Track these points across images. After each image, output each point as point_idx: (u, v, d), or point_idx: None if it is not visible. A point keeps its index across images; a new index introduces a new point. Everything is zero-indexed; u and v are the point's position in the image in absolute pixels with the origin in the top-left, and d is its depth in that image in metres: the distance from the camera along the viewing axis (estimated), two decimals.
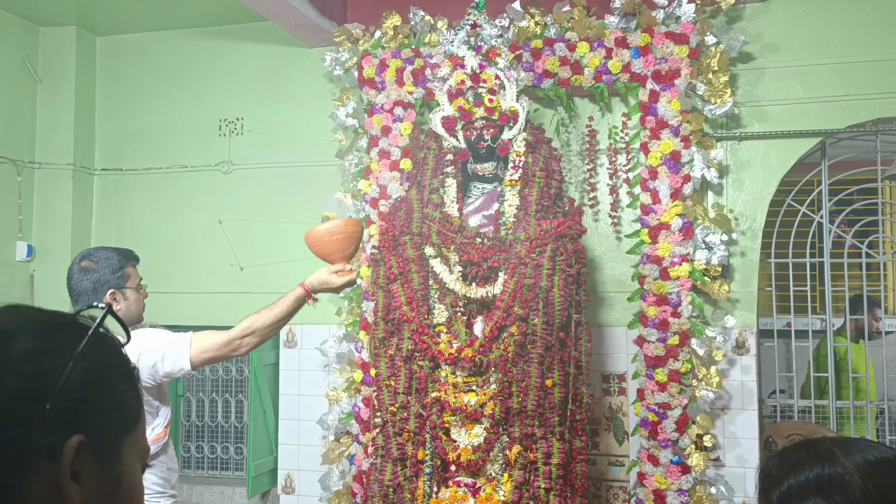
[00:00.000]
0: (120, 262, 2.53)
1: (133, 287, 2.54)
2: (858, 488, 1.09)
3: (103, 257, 2.52)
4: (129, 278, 2.54)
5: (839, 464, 1.12)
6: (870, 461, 1.12)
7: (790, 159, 3.79)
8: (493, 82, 3.35)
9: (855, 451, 1.15)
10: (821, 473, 1.12)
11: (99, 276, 2.49)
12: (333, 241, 2.57)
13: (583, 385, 3.23)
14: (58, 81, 4.68)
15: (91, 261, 2.51)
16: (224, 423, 4.72)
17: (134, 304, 2.54)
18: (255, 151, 4.50)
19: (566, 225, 3.18)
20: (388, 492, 3.15)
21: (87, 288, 2.48)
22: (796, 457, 1.17)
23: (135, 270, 2.59)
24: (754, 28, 3.81)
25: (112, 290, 2.48)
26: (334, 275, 2.56)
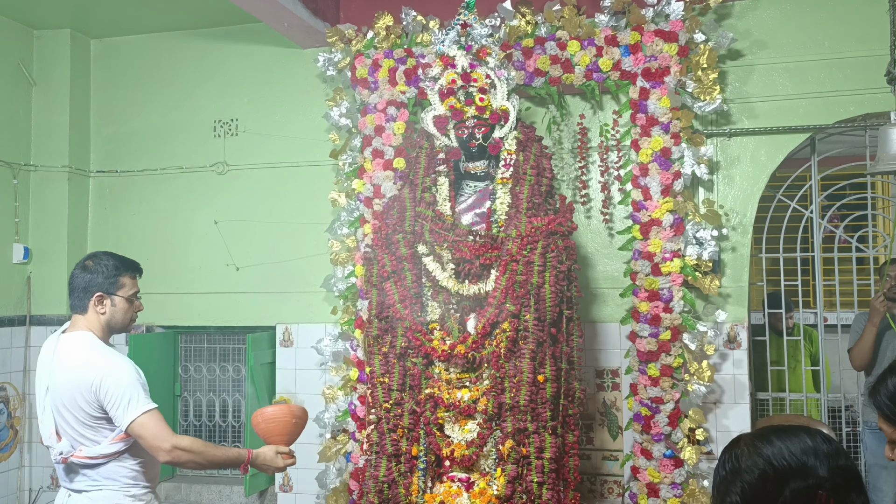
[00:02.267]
0: (117, 269, 2.58)
1: (124, 296, 2.58)
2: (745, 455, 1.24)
3: (103, 262, 2.58)
4: (122, 287, 2.58)
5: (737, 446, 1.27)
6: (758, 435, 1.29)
7: (780, 155, 3.82)
8: (484, 81, 3.38)
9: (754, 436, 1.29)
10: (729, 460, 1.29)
11: (92, 277, 2.54)
12: (292, 424, 2.66)
13: (575, 380, 3.26)
14: (53, 84, 4.71)
15: (92, 261, 2.58)
16: (221, 422, 4.75)
17: (121, 312, 2.58)
18: (250, 152, 4.53)
19: (557, 222, 3.21)
20: (382, 487, 3.18)
21: (80, 286, 2.55)
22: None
23: (132, 281, 2.62)
24: (743, 25, 3.84)
25: (100, 293, 2.54)
26: (280, 457, 2.62)
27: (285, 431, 2.65)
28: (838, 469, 1.22)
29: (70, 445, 2.46)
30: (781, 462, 1.21)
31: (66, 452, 2.46)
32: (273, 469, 2.63)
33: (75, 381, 2.43)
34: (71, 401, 2.44)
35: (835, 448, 1.23)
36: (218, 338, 4.74)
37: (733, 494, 1.22)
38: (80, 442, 2.46)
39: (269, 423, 2.65)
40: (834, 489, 1.19)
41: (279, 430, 2.64)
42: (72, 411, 2.45)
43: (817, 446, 1.23)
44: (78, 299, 2.55)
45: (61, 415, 2.47)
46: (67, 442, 2.47)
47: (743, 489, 1.22)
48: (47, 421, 2.50)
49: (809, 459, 1.21)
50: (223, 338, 4.72)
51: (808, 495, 1.19)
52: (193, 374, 4.77)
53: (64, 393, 2.45)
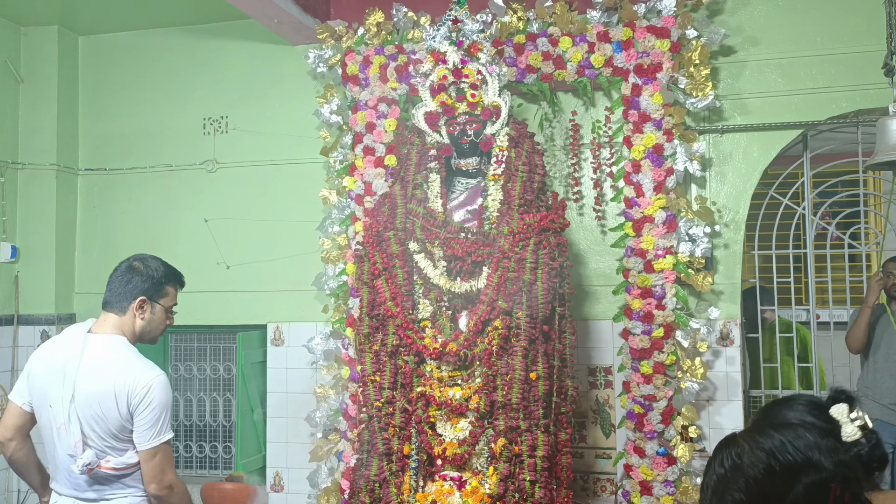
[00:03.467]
0: (166, 277, 2.53)
1: (165, 306, 2.53)
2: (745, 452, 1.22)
3: (153, 266, 2.52)
4: (165, 296, 2.52)
5: (736, 443, 1.25)
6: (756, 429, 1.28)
7: (772, 151, 3.82)
8: (476, 77, 3.36)
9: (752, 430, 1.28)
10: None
11: (141, 279, 2.47)
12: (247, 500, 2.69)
13: (567, 378, 3.24)
14: (40, 81, 4.66)
15: (142, 263, 2.51)
16: (212, 422, 4.71)
17: (158, 321, 2.51)
18: (240, 150, 4.49)
19: (549, 219, 3.20)
20: (374, 487, 3.16)
21: (123, 284, 2.46)
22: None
23: (174, 292, 2.57)
24: (735, 21, 3.83)
25: (143, 297, 2.46)
26: None
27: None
28: (843, 463, 1.20)
29: (95, 455, 2.35)
30: (786, 456, 1.19)
31: (93, 463, 2.34)
32: None
33: (116, 390, 2.32)
34: (107, 410, 2.33)
35: (833, 444, 1.22)
36: (208, 337, 4.70)
37: (736, 492, 1.19)
38: (106, 452, 2.36)
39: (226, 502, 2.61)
40: (846, 482, 1.17)
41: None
42: (106, 421, 2.34)
43: (818, 441, 1.22)
44: (118, 298, 2.45)
45: (90, 424, 2.34)
46: (93, 452, 2.35)
47: (748, 485, 1.19)
48: (73, 430, 2.34)
49: (814, 454, 1.19)
50: (213, 337, 4.68)
51: (822, 489, 1.17)
52: (184, 373, 4.73)
53: (99, 401, 2.33)
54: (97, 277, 4.51)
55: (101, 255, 4.65)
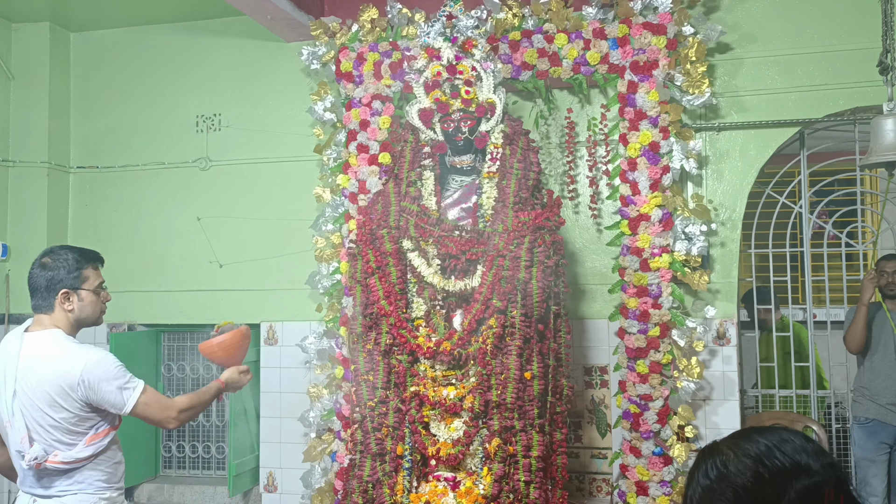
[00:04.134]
0: (78, 262, 2.49)
1: (90, 289, 2.50)
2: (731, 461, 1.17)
3: (62, 257, 2.49)
4: (86, 280, 2.50)
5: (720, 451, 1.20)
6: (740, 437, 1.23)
7: (769, 149, 3.79)
8: (470, 74, 3.33)
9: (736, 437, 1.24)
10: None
11: (54, 274, 2.45)
12: (244, 346, 2.86)
13: (562, 377, 3.22)
14: (31, 78, 4.62)
15: (50, 258, 2.48)
16: (205, 421, 4.68)
17: (89, 306, 2.50)
18: (233, 147, 4.46)
19: (544, 216, 3.17)
20: (367, 487, 3.12)
21: (42, 285, 2.44)
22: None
23: (95, 273, 2.54)
24: (732, 18, 3.80)
25: (65, 289, 2.45)
26: (243, 374, 2.79)
27: (240, 353, 2.83)
28: (832, 466, 1.16)
29: (43, 450, 2.36)
30: (774, 462, 1.14)
31: (41, 458, 2.35)
32: (240, 387, 2.79)
33: (55, 380, 2.34)
34: (49, 403, 2.34)
35: (818, 446, 1.19)
36: (201, 336, 4.66)
37: (723, 502, 1.14)
38: (54, 446, 2.37)
39: (227, 350, 2.80)
40: (839, 484, 1.13)
41: (235, 354, 2.81)
42: (49, 414, 2.35)
43: (803, 444, 1.18)
44: (42, 299, 2.45)
45: (34, 419, 2.36)
46: (40, 446, 2.36)
47: (736, 495, 1.13)
48: (18, 425, 2.38)
49: (803, 457, 1.15)
50: (206, 336, 4.63)
51: (815, 494, 1.13)
52: (176, 373, 4.70)
53: (39, 395, 2.35)
54: None
55: None
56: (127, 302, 4.56)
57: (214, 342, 2.80)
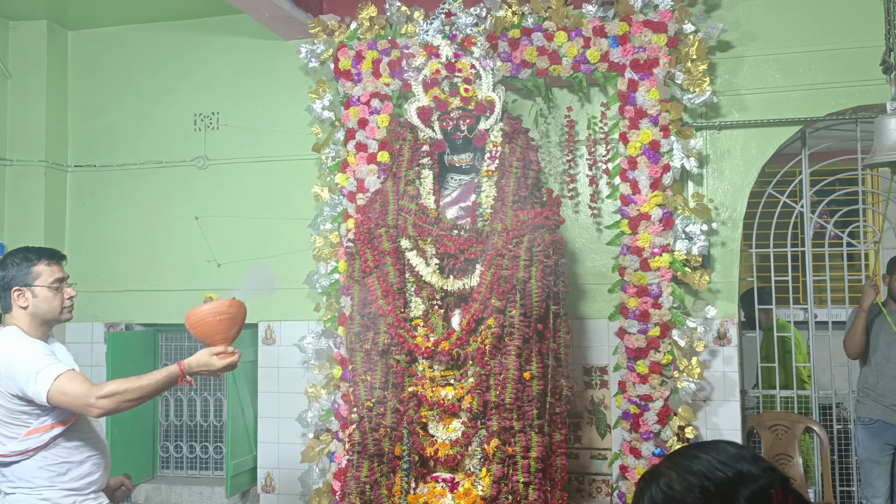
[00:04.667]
0: (28, 259, 2.52)
1: (44, 285, 2.51)
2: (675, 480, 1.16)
3: (16, 256, 2.54)
4: (38, 276, 2.51)
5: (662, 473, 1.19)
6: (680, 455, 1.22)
7: (770, 148, 3.77)
8: (469, 71, 3.31)
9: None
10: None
11: (5, 273, 2.50)
12: (217, 322, 2.47)
13: (562, 377, 3.19)
14: (29, 77, 4.59)
15: (7, 258, 2.54)
16: (203, 422, 4.66)
17: (45, 301, 2.51)
18: (231, 146, 4.43)
19: (543, 216, 3.14)
20: (364, 488, 3.10)
21: (0, 286, 2.51)
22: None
23: (49, 269, 2.54)
24: (733, 16, 3.78)
25: (17, 287, 2.49)
26: (215, 357, 2.44)
27: (216, 331, 2.47)
28: (770, 469, 1.17)
29: None
30: (717, 474, 1.14)
31: None
32: (211, 372, 2.45)
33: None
34: None
35: (753, 452, 1.20)
36: None
37: None
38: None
39: (197, 328, 2.49)
40: (784, 484, 1.14)
41: (210, 331, 2.47)
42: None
43: (739, 452, 1.19)
44: (2, 300, 2.52)
45: None
46: None
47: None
48: None
49: (742, 465, 1.16)
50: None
51: (763, 498, 1.13)
52: None
53: None
54: (87, 275, 4.47)
55: (90, 253, 4.59)
56: (124, 301, 4.55)
57: (187, 317, 2.50)
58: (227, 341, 2.50)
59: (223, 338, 2.49)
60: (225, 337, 2.49)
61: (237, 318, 2.52)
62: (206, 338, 2.49)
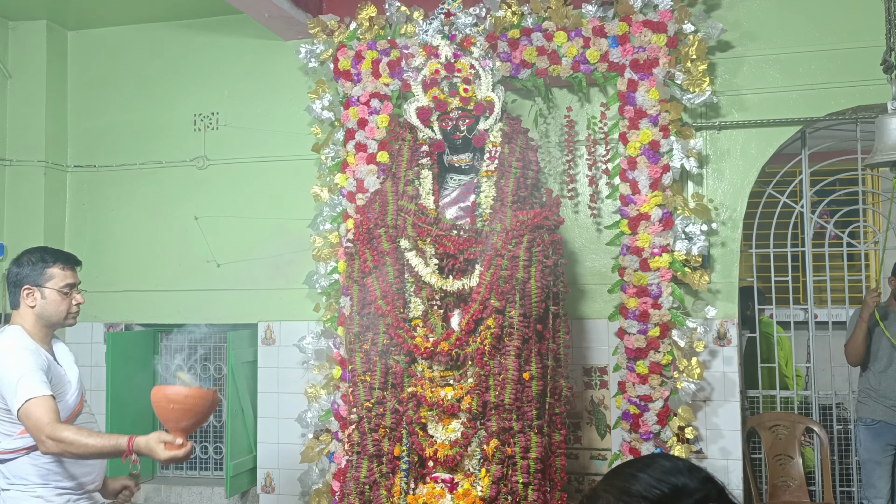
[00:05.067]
0: (44, 260, 2.53)
1: (55, 288, 2.52)
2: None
3: (32, 255, 2.55)
4: (51, 279, 2.52)
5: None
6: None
7: (770, 148, 3.76)
8: (468, 72, 3.31)
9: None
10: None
11: (20, 270, 2.52)
12: (168, 409, 2.27)
13: (561, 378, 3.19)
14: (28, 77, 4.59)
15: (24, 256, 2.56)
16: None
17: (52, 304, 2.52)
18: (231, 146, 4.43)
19: (543, 216, 3.14)
20: (364, 489, 3.10)
21: (11, 281, 2.52)
22: None
23: (63, 273, 2.54)
24: (732, 16, 3.77)
25: (28, 286, 2.50)
26: (161, 445, 2.24)
27: (167, 419, 2.28)
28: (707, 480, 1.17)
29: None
30: (653, 492, 1.14)
31: None
32: (155, 458, 2.26)
33: None
34: None
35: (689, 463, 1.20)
36: (198, 336, 4.64)
37: None
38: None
39: (155, 407, 2.31)
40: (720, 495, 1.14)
41: (163, 417, 2.29)
42: None
43: (675, 465, 1.18)
44: (12, 295, 2.52)
45: None
46: None
47: None
48: None
49: (679, 479, 1.15)
50: (204, 336, 4.62)
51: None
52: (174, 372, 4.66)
53: None
54: (86, 275, 4.43)
55: (90, 253, 4.56)
56: (124, 301, 4.54)
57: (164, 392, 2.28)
58: (180, 432, 2.27)
59: (174, 427, 2.28)
60: (176, 427, 2.27)
61: (194, 410, 2.27)
62: (162, 421, 2.32)
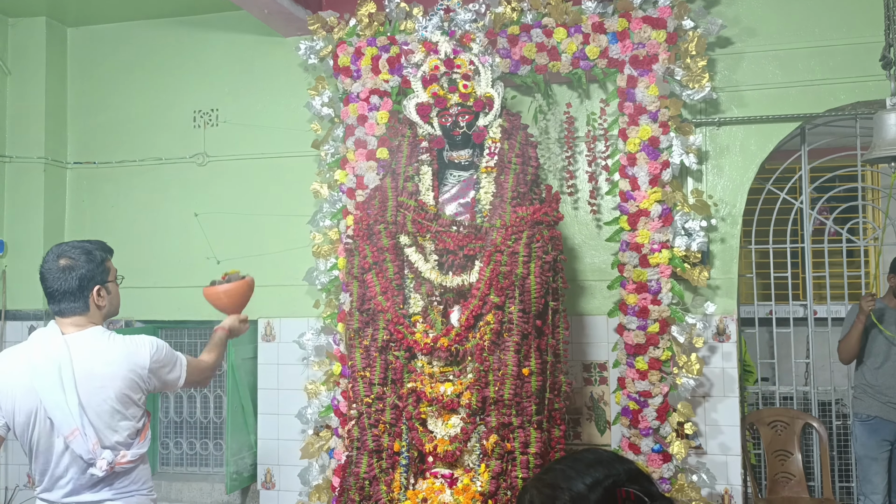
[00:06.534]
0: (101, 256, 2.42)
1: (113, 280, 2.46)
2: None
3: (83, 252, 2.38)
4: (109, 272, 2.45)
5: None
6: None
7: (769, 144, 3.76)
8: (468, 68, 3.31)
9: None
10: None
11: (84, 272, 2.35)
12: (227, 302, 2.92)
13: (561, 373, 3.19)
14: (28, 73, 4.59)
15: (70, 257, 2.36)
16: (202, 418, 4.66)
17: (116, 297, 2.47)
18: (231, 143, 4.43)
19: (542, 212, 3.14)
20: (364, 484, 3.10)
21: (73, 286, 2.34)
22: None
23: (111, 262, 2.50)
24: (732, 12, 3.78)
25: (97, 286, 2.37)
26: (238, 322, 2.90)
27: (243, 303, 2.94)
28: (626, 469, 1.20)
29: (112, 454, 2.31)
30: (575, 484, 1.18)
31: (112, 461, 2.30)
32: (239, 335, 2.93)
33: (126, 375, 2.31)
34: (119, 397, 2.30)
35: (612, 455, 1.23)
36: (198, 332, 4.65)
37: None
38: (118, 448, 2.33)
39: (232, 298, 2.91)
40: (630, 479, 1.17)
41: (239, 303, 2.93)
42: (120, 410, 2.31)
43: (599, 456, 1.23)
44: (74, 300, 2.34)
45: (104, 421, 2.30)
46: (110, 450, 2.31)
47: None
48: (90, 433, 2.28)
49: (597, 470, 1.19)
50: (204, 332, 4.62)
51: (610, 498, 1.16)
52: None
53: (108, 393, 2.29)
54: None
55: None
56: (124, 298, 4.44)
57: (220, 289, 2.90)
58: (239, 311, 2.95)
59: (235, 311, 2.94)
60: (238, 310, 2.95)
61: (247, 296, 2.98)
62: (227, 309, 2.94)
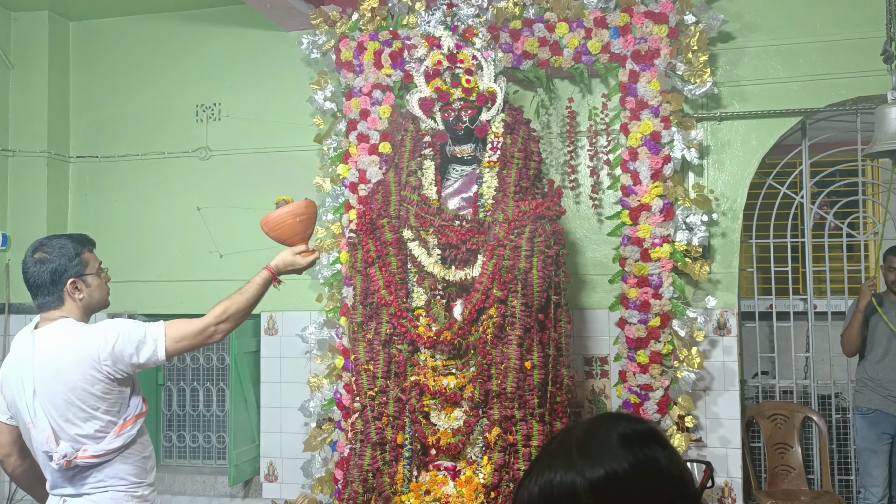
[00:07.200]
0: (76, 248, 2.35)
1: (93, 273, 2.39)
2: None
3: (58, 246, 2.34)
4: (87, 264, 2.37)
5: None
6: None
7: (771, 139, 3.78)
8: (471, 62, 3.32)
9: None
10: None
11: (56, 265, 2.30)
12: (296, 223, 2.55)
13: (563, 367, 3.21)
14: (31, 67, 4.60)
15: (44, 251, 2.32)
16: (205, 411, 4.68)
17: (97, 290, 2.39)
18: (233, 137, 4.44)
19: (545, 206, 3.16)
20: (367, 476, 3.13)
21: (46, 280, 2.29)
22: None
23: (93, 255, 2.43)
24: (734, 7, 3.78)
25: (72, 279, 2.32)
26: (298, 256, 2.51)
27: (295, 232, 2.55)
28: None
29: (71, 447, 2.24)
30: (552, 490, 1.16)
31: (69, 454, 2.23)
32: (296, 270, 2.52)
33: (77, 367, 2.22)
34: (73, 390, 2.23)
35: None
36: None
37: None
38: (82, 441, 2.25)
39: (277, 230, 2.56)
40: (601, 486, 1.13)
41: (290, 233, 2.55)
42: (76, 403, 2.23)
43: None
44: (48, 294, 2.30)
45: (60, 413, 2.24)
46: (68, 444, 2.24)
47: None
48: (42, 425, 2.22)
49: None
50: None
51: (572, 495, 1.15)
52: (177, 363, 4.70)
53: (60, 387, 2.23)
54: None
55: None
56: (127, 291, 4.53)
57: (284, 211, 2.54)
58: (306, 241, 2.57)
59: (302, 238, 2.56)
60: (304, 237, 2.57)
61: (313, 217, 2.60)
62: (286, 239, 2.56)
